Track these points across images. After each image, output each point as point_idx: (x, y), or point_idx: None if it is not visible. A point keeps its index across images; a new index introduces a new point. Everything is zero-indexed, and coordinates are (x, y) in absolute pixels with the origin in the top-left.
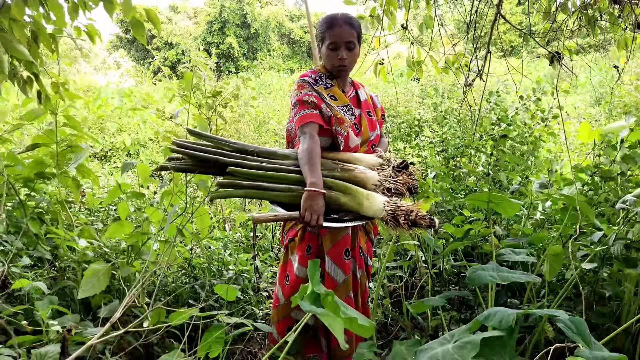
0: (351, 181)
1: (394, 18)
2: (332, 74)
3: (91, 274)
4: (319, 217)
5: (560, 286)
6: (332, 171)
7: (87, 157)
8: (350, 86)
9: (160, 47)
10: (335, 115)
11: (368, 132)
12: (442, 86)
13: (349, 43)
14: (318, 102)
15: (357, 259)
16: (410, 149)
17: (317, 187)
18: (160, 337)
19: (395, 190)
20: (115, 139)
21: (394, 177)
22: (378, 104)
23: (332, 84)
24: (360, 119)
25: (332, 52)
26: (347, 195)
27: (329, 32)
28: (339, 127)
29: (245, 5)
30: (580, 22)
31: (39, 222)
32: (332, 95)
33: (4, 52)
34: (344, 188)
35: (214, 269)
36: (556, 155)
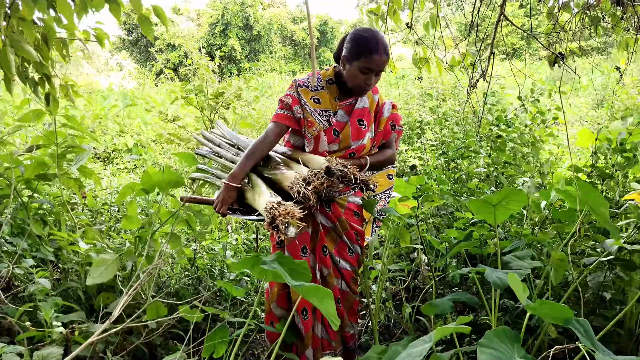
0: (271, 180)
1: (398, 17)
2: (337, 79)
3: (100, 262)
4: (223, 206)
5: (563, 289)
6: (267, 168)
7: (90, 158)
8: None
9: (163, 49)
10: (306, 118)
11: (349, 141)
12: (442, 88)
13: (380, 71)
14: (292, 103)
15: (319, 257)
16: (412, 152)
17: (233, 180)
18: (164, 339)
19: (303, 195)
20: (118, 140)
21: (313, 181)
22: (385, 113)
23: (323, 87)
24: (343, 127)
25: (361, 75)
26: (251, 191)
27: (368, 56)
28: (307, 130)
29: (247, 7)
30: (583, 23)
31: (41, 223)
32: (316, 98)
33: (12, 52)
34: (254, 184)
35: (217, 270)
36: (557, 157)
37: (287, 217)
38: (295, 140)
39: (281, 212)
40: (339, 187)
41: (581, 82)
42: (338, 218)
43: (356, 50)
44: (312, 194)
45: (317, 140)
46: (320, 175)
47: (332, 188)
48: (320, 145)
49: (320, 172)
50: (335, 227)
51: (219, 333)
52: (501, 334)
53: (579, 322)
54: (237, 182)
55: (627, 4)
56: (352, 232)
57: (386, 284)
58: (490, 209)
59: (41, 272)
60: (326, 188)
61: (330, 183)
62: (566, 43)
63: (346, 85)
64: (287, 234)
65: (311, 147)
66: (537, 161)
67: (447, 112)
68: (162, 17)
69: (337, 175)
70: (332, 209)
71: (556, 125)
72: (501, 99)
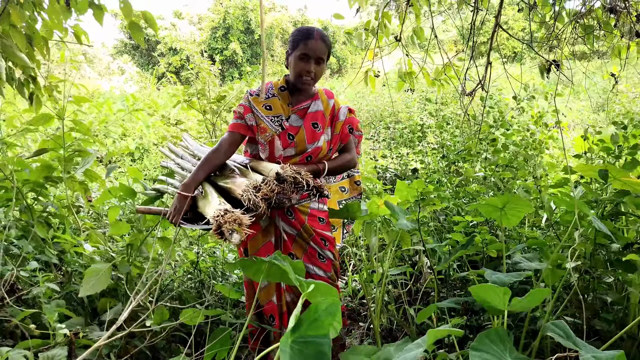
0: (223, 189)
1: (387, 31)
2: (287, 85)
3: (92, 272)
4: (176, 215)
5: (566, 292)
6: (221, 177)
7: (94, 161)
8: (309, 97)
9: (165, 53)
10: (258, 124)
11: (304, 144)
12: (441, 92)
13: (319, 59)
14: (244, 111)
15: None
16: (414, 155)
17: (185, 189)
18: (167, 342)
19: (253, 202)
20: (120, 144)
21: (265, 188)
22: (342, 117)
23: (275, 95)
24: (298, 130)
25: (300, 62)
26: (202, 200)
27: (303, 43)
28: (260, 136)
29: (249, 11)
30: (576, 31)
31: (46, 226)
32: (267, 105)
33: (2, 58)
34: (206, 193)
35: (220, 272)
36: (558, 160)
37: (234, 224)
38: (252, 150)
39: (227, 219)
40: (290, 194)
41: (582, 85)
42: (302, 225)
43: (292, 41)
44: (262, 200)
45: (271, 146)
46: (272, 182)
47: (282, 195)
48: (276, 150)
49: (271, 179)
50: (300, 233)
51: (220, 335)
52: (493, 335)
53: (556, 324)
54: (190, 191)
55: (619, 11)
56: (317, 237)
57: (388, 287)
58: (502, 212)
59: (45, 277)
60: (276, 195)
61: (280, 189)
62: (561, 50)
63: (297, 89)
64: (231, 241)
65: (266, 153)
66: (538, 164)
67: (446, 116)
68: (152, 22)
69: (289, 181)
70: (295, 216)
71: (556, 129)
72: (499, 102)
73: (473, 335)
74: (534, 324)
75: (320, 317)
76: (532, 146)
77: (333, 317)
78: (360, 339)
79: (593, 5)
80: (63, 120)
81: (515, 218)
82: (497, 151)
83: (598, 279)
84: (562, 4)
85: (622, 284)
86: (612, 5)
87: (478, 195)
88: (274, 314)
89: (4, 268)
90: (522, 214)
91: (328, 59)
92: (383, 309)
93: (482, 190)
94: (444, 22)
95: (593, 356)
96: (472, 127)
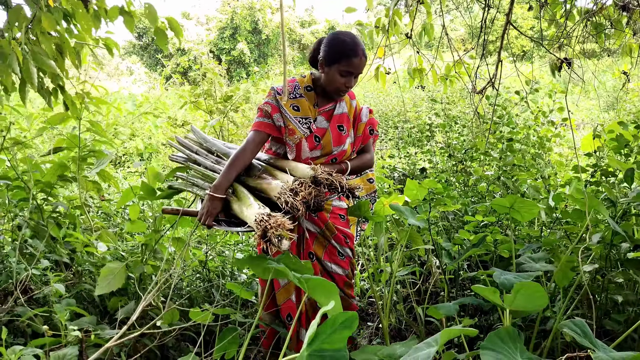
0: (257, 190)
1: (397, 28)
2: (315, 86)
3: (107, 272)
4: (209, 217)
5: (576, 292)
6: (250, 178)
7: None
8: (332, 100)
9: (173, 53)
10: (287, 125)
11: (330, 147)
12: (449, 91)
13: (359, 73)
14: (272, 111)
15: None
16: (422, 154)
17: (217, 190)
18: (176, 340)
19: (291, 205)
20: (129, 144)
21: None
22: (364, 118)
23: (302, 95)
24: (324, 133)
25: (340, 78)
26: (238, 202)
27: (348, 60)
28: (288, 137)
29: (256, 11)
30: (587, 29)
31: (56, 226)
32: (295, 106)
33: (34, 65)
34: (240, 195)
35: (228, 272)
36: (567, 159)
37: (279, 229)
38: (276, 148)
39: (272, 224)
40: (325, 196)
41: (592, 84)
42: (325, 223)
43: (335, 54)
44: (301, 204)
45: (298, 148)
46: (307, 185)
47: (319, 197)
48: (302, 152)
49: (307, 181)
50: (322, 231)
51: (229, 334)
52: (504, 335)
53: (575, 323)
54: (222, 192)
55: (632, 9)
56: (339, 235)
57: (397, 286)
58: (513, 210)
59: (56, 277)
60: (314, 197)
61: (317, 192)
62: (572, 48)
63: (324, 91)
64: (281, 247)
65: (293, 155)
66: (545, 163)
67: (453, 116)
68: (177, 30)
69: (324, 184)
70: (318, 214)
71: (564, 126)
72: (505, 100)
73: (483, 335)
74: (544, 324)
75: (337, 330)
76: (536, 143)
77: (350, 330)
78: (369, 338)
79: (605, 3)
80: (80, 120)
81: (528, 214)
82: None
83: (609, 279)
84: (574, 1)
85: (633, 284)
86: (624, 3)
87: (487, 194)
88: (292, 313)
89: (18, 266)
90: (534, 213)
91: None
92: (392, 308)
93: (495, 190)
94: (452, 21)
95: (609, 356)
96: (481, 125)
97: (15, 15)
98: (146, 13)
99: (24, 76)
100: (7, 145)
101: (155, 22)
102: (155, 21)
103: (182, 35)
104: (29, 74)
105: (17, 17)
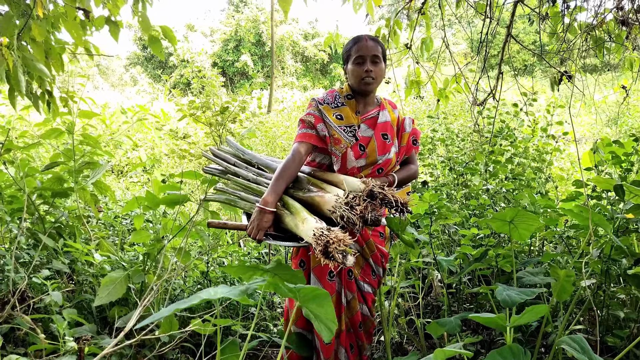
0: (308, 203)
1: (397, 38)
2: (354, 93)
3: (108, 282)
4: (259, 232)
5: (578, 307)
6: (299, 190)
7: (104, 172)
8: (374, 106)
9: (177, 65)
10: (332, 135)
11: (375, 155)
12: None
13: (375, 57)
14: (315, 121)
15: (344, 281)
16: (424, 167)
17: (267, 204)
18: (177, 352)
19: (347, 219)
20: (132, 154)
21: (357, 205)
22: (407, 128)
23: (344, 103)
24: (369, 141)
25: (357, 67)
26: (290, 216)
27: (355, 47)
28: (334, 147)
29: (260, 24)
30: (588, 43)
31: (57, 236)
32: (338, 115)
33: (22, 72)
34: (293, 209)
35: (229, 282)
36: (568, 173)
37: (341, 244)
38: (320, 159)
39: (333, 238)
40: (380, 211)
41: (592, 98)
42: (366, 241)
43: (346, 51)
44: (358, 218)
45: (344, 157)
46: (362, 199)
47: (375, 211)
48: (348, 161)
49: (362, 195)
50: (362, 250)
51: (229, 347)
52: (506, 352)
53: (573, 339)
54: (273, 206)
55: (632, 24)
56: (377, 254)
57: (398, 300)
58: (511, 226)
59: (54, 285)
60: (371, 212)
61: (373, 207)
62: (573, 62)
63: (363, 98)
64: (346, 263)
65: (339, 165)
66: (546, 177)
67: (450, 129)
68: (171, 38)
69: (379, 197)
70: (362, 232)
71: (562, 139)
72: (507, 113)
73: (485, 350)
74: (545, 339)
75: None
76: (535, 157)
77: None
78: (371, 352)
79: (605, 17)
80: (73, 134)
81: (527, 232)
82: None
83: (610, 295)
84: (574, 15)
85: (635, 300)
86: (624, 18)
87: (487, 208)
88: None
89: (17, 275)
90: (532, 228)
91: (385, 59)
92: (393, 322)
93: (492, 203)
94: (454, 35)
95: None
96: (481, 138)
97: (6, 23)
98: (140, 22)
99: (13, 83)
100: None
101: (148, 30)
102: (148, 29)
103: (176, 43)
104: (17, 81)
105: (8, 25)
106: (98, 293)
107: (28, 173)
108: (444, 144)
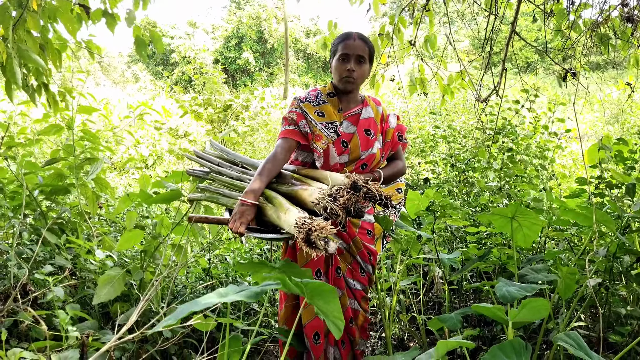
0: (291, 196)
1: (401, 36)
2: (336, 91)
3: (106, 279)
4: (241, 225)
5: (580, 304)
6: (282, 185)
7: (104, 169)
8: (358, 103)
9: (179, 62)
10: (313, 131)
11: (359, 151)
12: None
13: (360, 57)
14: (297, 118)
15: (332, 279)
16: (426, 164)
17: (249, 197)
18: (179, 347)
19: (330, 210)
20: (133, 150)
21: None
22: (392, 124)
23: (325, 101)
24: (351, 137)
25: (341, 64)
26: (273, 208)
27: (342, 44)
28: (315, 143)
29: (262, 21)
30: (593, 40)
31: (59, 232)
32: (320, 112)
33: (18, 64)
34: (275, 201)
35: (231, 279)
36: (570, 170)
37: (323, 231)
38: (303, 157)
39: (315, 226)
40: (364, 204)
41: (596, 96)
42: (352, 238)
43: (333, 46)
44: (341, 209)
45: (326, 154)
46: (346, 191)
47: (359, 203)
48: (331, 158)
49: (346, 187)
50: (349, 247)
51: (232, 342)
52: (507, 347)
53: (569, 335)
54: (255, 198)
55: (637, 21)
56: (365, 251)
57: (400, 296)
58: (515, 225)
59: (55, 279)
60: (354, 203)
61: (357, 199)
62: (579, 59)
63: (345, 96)
64: (328, 250)
65: (322, 161)
66: (549, 174)
67: (452, 127)
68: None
69: (363, 190)
70: (347, 229)
71: (564, 136)
72: (508, 109)
73: (486, 346)
74: (547, 336)
75: None
76: (537, 153)
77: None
78: (372, 348)
79: (610, 14)
80: (72, 130)
81: (532, 234)
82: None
83: (613, 292)
84: (579, 12)
85: (637, 297)
86: (629, 15)
87: (490, 205)
88: (320, 331)
89: (19, 271)
90: (537, 229)
91: (371, 61)
92: (394, 318)
93: (498, 201)
94: (456, 32)
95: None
96: (483, 135)
97: (2, 14)
98: (126, 17)
99: (8, 75)
100: (6, 148)
101: (131, 22)
102: (132, 22)
103: (162, 45)
104: (12, 73)
105: (4, 16)
106: (97, 291)
107: (28, 169)
108: (446, 141)
